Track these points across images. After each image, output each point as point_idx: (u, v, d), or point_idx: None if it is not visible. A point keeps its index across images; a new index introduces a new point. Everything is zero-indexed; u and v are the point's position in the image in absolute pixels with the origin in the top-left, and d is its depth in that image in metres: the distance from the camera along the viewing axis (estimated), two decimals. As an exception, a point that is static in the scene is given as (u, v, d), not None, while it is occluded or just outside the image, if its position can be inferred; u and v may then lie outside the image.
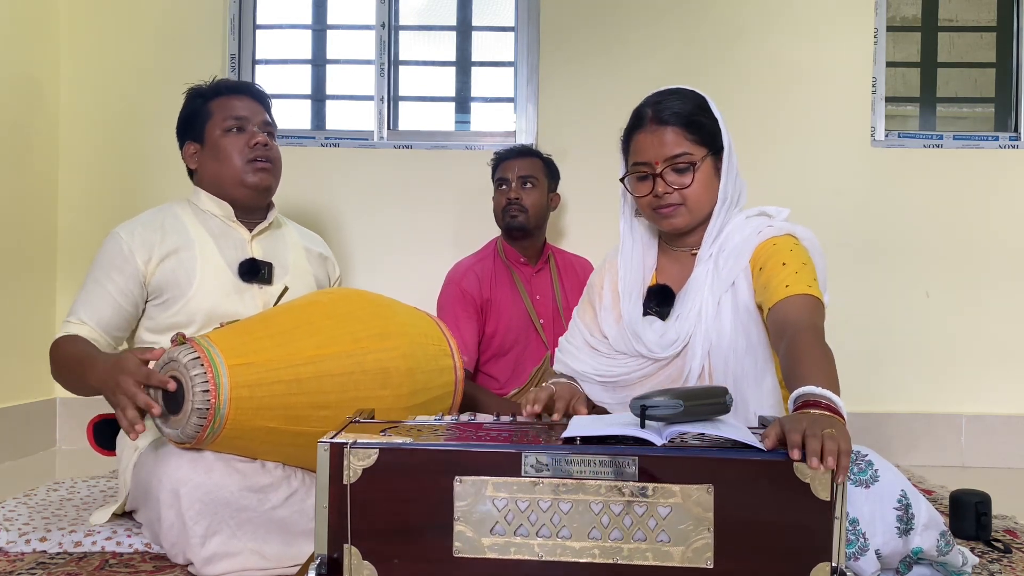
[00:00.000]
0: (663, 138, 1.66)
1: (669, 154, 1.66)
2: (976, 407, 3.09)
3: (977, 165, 3.13)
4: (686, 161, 1.66)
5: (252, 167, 1.99)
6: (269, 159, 2.02)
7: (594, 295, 1.85)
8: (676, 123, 1.66)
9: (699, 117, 1.68)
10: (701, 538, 1.17)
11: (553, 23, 3.17)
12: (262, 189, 2.02)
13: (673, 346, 1.66)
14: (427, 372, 1.79)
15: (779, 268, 1.58)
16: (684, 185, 1.66)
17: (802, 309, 1.51)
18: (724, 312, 1.65)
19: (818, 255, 1.67)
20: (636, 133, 1.71)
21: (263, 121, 2.05)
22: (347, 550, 1.21)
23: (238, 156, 1.99)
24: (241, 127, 2.01)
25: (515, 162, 2.74)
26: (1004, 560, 1.78)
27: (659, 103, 1.69)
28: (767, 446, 1.18)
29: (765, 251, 1.63)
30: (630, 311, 1.73)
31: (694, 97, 1.70)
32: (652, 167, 1.67)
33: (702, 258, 1.71)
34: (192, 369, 1.53)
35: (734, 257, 1.66)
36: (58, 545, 1.76)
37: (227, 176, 1.99)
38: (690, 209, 1.69)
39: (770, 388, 1.63)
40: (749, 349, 1.63)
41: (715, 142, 1.69)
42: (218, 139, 2.00)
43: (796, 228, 1.69)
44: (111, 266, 1.89)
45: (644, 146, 1.69)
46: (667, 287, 1.73)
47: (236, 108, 2.02)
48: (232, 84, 2.09)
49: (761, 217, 1.71)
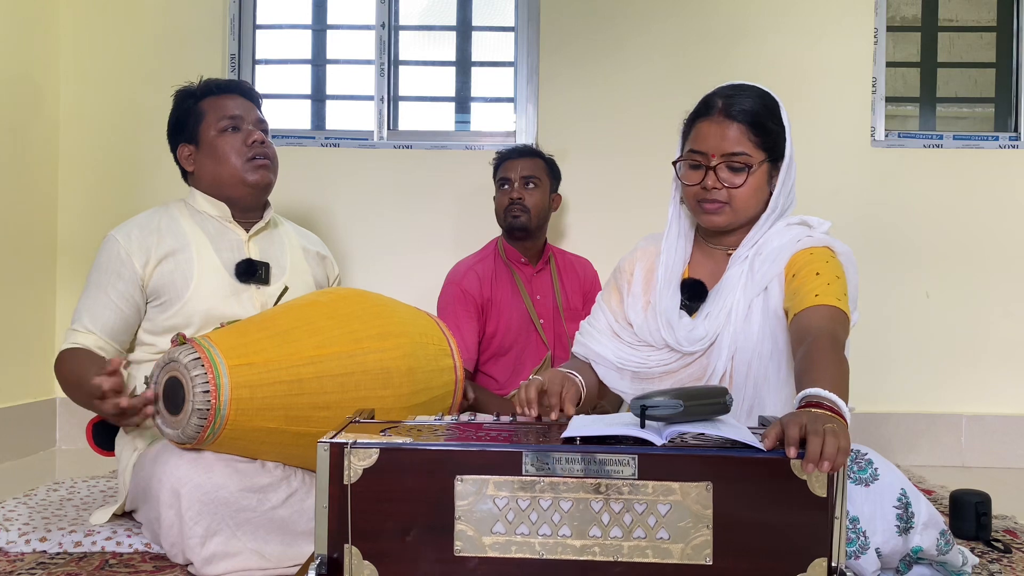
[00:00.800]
0: (726, 132, 1.63)
1: (728, 150, 1.63)
2: (976, 407, 3.09)
3: (977, 165, 3.13)
4: (742, 162, 1.64)
5: (252, 165, 1.99)
6: (267, 156, 2.02)
7: (622, 280, 1.83)
8: (743, 120, 1.63)
9: (767, 121, 1.65)
10: (700, 535, 1.18)
11: (553, 23, 3.17)
12: (263, 186, 2.02)
13: (700, 343, 1.65)
14: (428, 372, 1.79)
15: (812, 277, 1.57)
16: (735, 185, 1.64)
17: (825, 318, 1.49)
18: (754, 315, 1.64)
19: (853, 272, 1.65)
20: (700, 120, 1.68)
21: (256, 119, 2.05)
22: (347, 550, 1.21)
23: (236, 155, 1.98)
24: (236, 126, 2.01)
25: (517, 162, 2.73)
26: (1004, 560, 1.78)
27: (731, 96, 1.66)
28: (767, 446, 1.19)
29: (801, 259, 1.62)
30: (667, 300, 1.71)
31: (766, 98, 1.68)
32: (708, 158, 1.65)
33: (738, 259, 1.69)
34: (193, 370, 1.53)
35: (770, 261, 1.65)
36: (58, 545, 1.76)
37: (226, 176, 1.99)
38: (735, 210, 1.66)
39: (788, 396, 1.62)
40: (774, 354, 1.63)
41: (776, 149, 1.67)
42: (214, 139, 1.99)
43: (835, 242, 1.67)
44: (110, 271, 1.89)
45: (705, 135, 1.65)
46: (701, 282, 1.71)
47: (229, 107, 2.01)
48: (222, 83, 2.07)
49: (802, 226, 1.70)
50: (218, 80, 2.09)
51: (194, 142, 2.03)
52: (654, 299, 1.73)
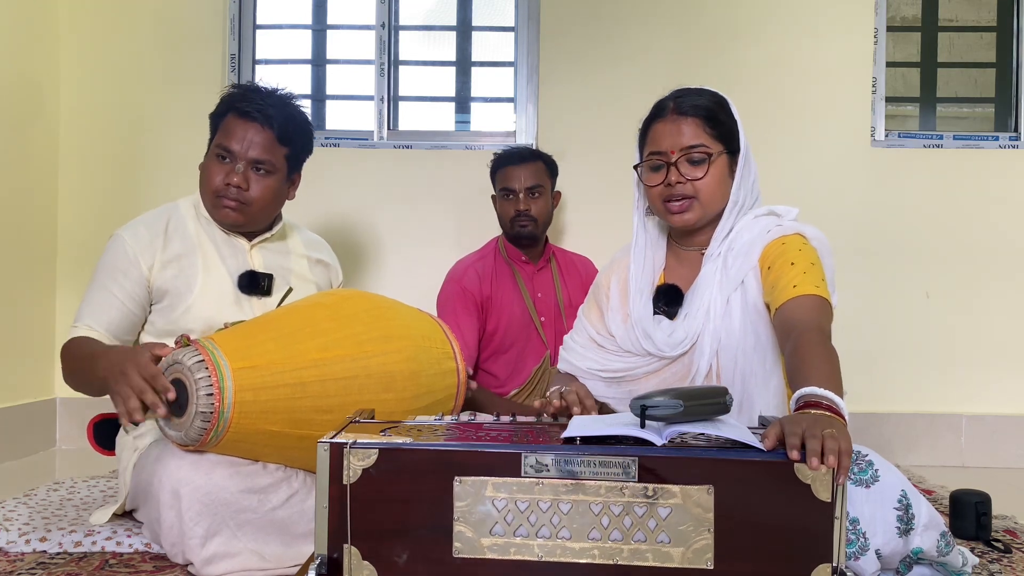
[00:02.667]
0: (681, 128, 1.67)
1: (686, 144, 1.67)
2: (976, 407, 3.09)
3: (977, 165, 3.13)
4: (702, 152, 1.67)
5: (219, 202, 1.91)
6: (239, 200, 1.90)
7: (601, 295, 1.85)
8: (695, 115, 1.67)
9: (719, 114, 1.69)
10: (701, 539, 1.17)
11: (553, 23, 3.17)
12: (229, 224, 1.95)
13: (681, 345, 1.66)
14: (431, 375, 1.79)
15: (787, 268, 1.58)
16: (697, 177, 1.67)
17: (809, 310, 1.51)
18: (733, 311, 1.65)
19: (827, 255, 1.66)
20: (655, 123, 1.72)
21: (254, 159, 1.89)
22: (347, 550, 1.20)
23: (209, 188, 1.92)
24: (226, 157, 1.91)
25: (520, 170, 2.70)
26: (1004, 560, 1.78)
27: (681, 97, 1.70)
28: (767, 446, 1.18)
29: (774, 250, 1.63)
30: (640, 309, 1.73)
31: (715, 96, 1.72)
32: (667, 156, 1.68)
33: (710, 256, 1.71)
34: (197, 372, 1.52)
35: (743, 255, 1.66)
36: (58, 545, 1.76)
37: (204, 197, 1.95)
38: (702, 203, 1.68)
39: (777, 388, 1.63)
40: (757, 348, 1.63)
41: (732, 141, 1.70)
42: (207, 158, 1.95)
43: (805, 228, 1.69)
44: (116, 269, 1.87)
45: (662, 135, 1.69)
46: (676, 287, 1.73)
47: (232, 137, 1.89)
48: (247, 107, 1.90)
49: (770, 216, 1.71)
50: (248, 100, 1.91)
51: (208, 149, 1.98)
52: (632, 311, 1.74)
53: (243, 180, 1.89)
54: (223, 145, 1.90)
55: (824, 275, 1.59)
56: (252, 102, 1.90)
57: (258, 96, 1.93)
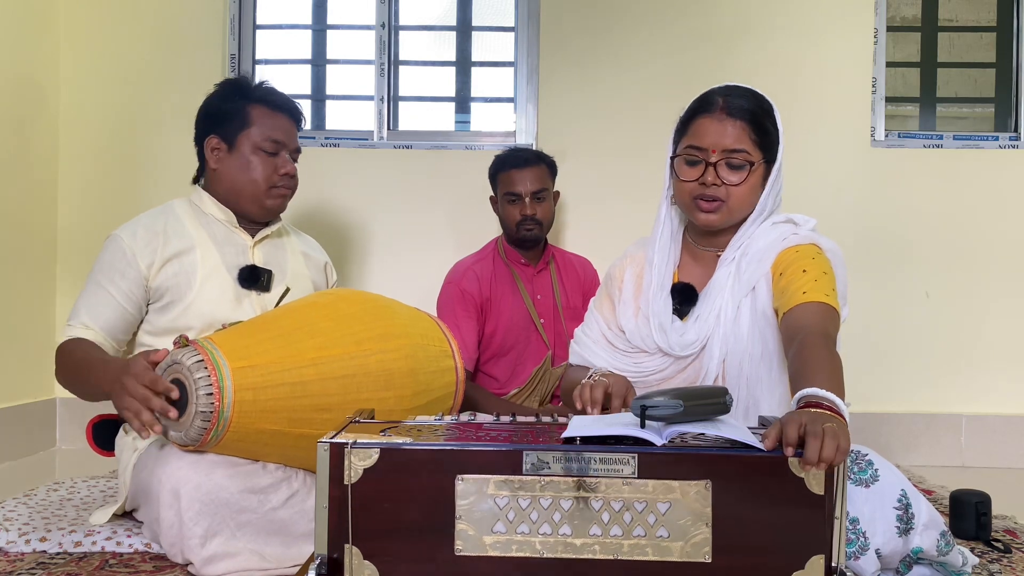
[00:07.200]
0: (727, 128, 1.62)
1: (729, 146, 1.62)
2: (976, 407, 3.09)
3: (977, 165, 3.13)
4: (742, 159, 1.63)
5: (275, 192, 2.00)
6: (291, 186, 2.05)
7: (613, 288, 1.83)
8: (743, 118, 1.62)
9: (765, 121, 1.65)
10: (699, 533, 1.18)
11: (553, 23, 3.17)
12: (278, 211, 2.05)
13: (692, 347, 1.66)
14: (429, 373, 1.79)
15: (799, 274, 1.56)
16: (733, 183, 1.63)
17: (816, 315, 1.49)
18: (743, 317, 1.64)
19: (840, 267, 1.64)
20: (700, 116, 1.66)
21: (295, 147, 2.05)
22: (348, 550, 1.21)
23: (264, 179, 1.98)
24: (276, 152, 2.00)
25: (524, 174, 2.68)
26: (1004, 560, 1.78)
27: (731, 95, 1.65)
28: (767, 446, 1.19)
29: (787, 257, 1.61)
30: (660, 304, 1.71)
31: (764, 101, 1.68)
32: (707, 154, 1.63)
33: (725, 260, 1.69)
34: (196, 372, 1.52)
35: (756, 261, 1.64)
36: (58, 545, 1.76)
37: (247, 191, 1.98)
38: (730, 209, 1.65)
39: (782, 396, 1.62)
40: (765, 355, 1.63)
41: (772, 151, 1.67)
42: (249, 153, 1.98)
43: (821, 239, 1.67)
44: (113, 269, 1.88)
45: (706, 131, 1.64)
46: (691, 286, 1.71)
47: (277, 129, 2.00)
48: (277, 100, 2.03)
49: (787, 224, 1.69)
50: (275, 93, 2.05)
51: (229, 142, 1.99)
52: (644, 304, 1.73)
53: (293, 169, 2.04)
54: (272, 138, 1.99)
55: (835, 286, 1.57)
56: (276, 94, 2.04)
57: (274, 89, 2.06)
